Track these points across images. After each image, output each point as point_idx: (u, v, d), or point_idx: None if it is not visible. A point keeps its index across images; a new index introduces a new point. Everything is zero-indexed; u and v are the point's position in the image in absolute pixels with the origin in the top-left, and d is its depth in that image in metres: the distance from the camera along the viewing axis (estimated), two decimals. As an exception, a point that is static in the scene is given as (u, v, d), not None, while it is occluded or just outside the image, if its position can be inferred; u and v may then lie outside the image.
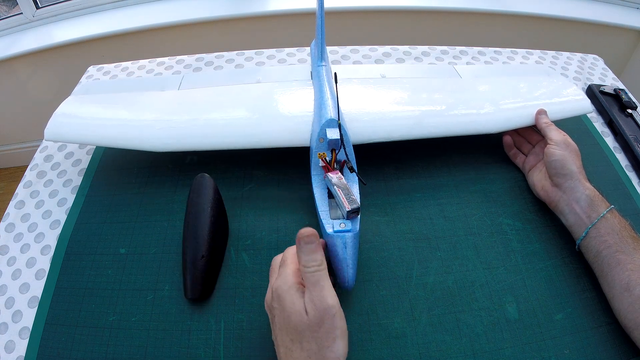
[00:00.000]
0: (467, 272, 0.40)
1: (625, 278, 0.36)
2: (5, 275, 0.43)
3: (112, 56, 1.25)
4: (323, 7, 0.50)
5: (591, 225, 0.39)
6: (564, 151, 0.43)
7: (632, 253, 0.37)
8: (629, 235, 0.38)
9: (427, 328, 0.37)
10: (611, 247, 0.38)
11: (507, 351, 0.36)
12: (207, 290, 0.39)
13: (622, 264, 0.36)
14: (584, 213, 0.40)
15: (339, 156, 0.41)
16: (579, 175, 0.42)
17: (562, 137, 0.45)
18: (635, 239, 0.38)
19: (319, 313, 0.29)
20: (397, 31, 1.30)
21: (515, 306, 0.38)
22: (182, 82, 0.54)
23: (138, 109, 0.49)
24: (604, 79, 0.65)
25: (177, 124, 0.46)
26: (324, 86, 0.48)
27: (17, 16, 1.27)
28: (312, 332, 0.29)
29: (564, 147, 0.44)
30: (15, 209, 0.49)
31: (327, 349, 0.29)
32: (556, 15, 1.23)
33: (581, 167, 0.44)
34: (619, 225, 0.39)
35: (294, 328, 0.30)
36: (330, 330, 0.29)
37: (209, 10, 1.23)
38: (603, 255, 0.38)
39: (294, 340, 0.30)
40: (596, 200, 0.41)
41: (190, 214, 0.42)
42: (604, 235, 0.38)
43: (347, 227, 0.36)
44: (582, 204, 0.41)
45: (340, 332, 0.29)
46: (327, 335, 0.29)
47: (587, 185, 0.42)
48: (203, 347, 0.36)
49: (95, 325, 0.38)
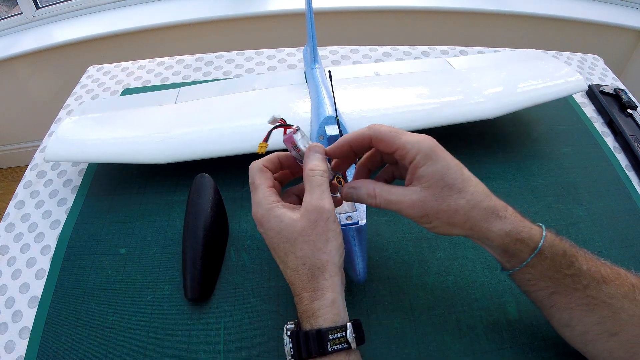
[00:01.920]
0: (467, 272, 0.40)
1: (565, 316, 0.30)
2: (5, 275, 0.43)
3: (112, 56, 1.25)
4: (312, 12, 0.51)
5: (513, 270, 0.31)
6: (430, 220, 0.30)
7: (571, 292, 0.29)
8: (565, 274, 0.29)
9: (427, 328, 0.37)
10: (544, 290, 0.30)
11: (507, 351, 0.36)
12: (207, 290, 0.39)
13: (559, 305, 0.30)
14: (499, 257, 0.31)
15: None
16: (472, 231, 0.30)
17: (411, 195, 0.30)
18: (574, 276, 0.29)
19: (313, 215, 0.29)
20: (397, 31, 1.30)
21: (515, 306, 0.38)
22: (179, 95, 0.55)
23: (136, 125, 0.50)
24: (604, 79, 0.65)
25: (176, 136, 0.47)
26: (319, 86, 0.48)
27: (17, 16, 1.27)
28: (304, 236, 0.29)
29: (424, 214, 0.30)
30: (15, 209, 0.49)
31: (319, 251, 0.29)
32: (556, 15, 1.23)
33: (470, 207, 0.29)
34: (551, 267, 0.30)
35: (287, 239, 0.29)
36: (323, 232, 0.29)
37: (209, 10, 1.23)
38: (534, 295, 0.31)
39: (288, 252, 0.30)
40: (512, 250, 0.30)
41: (190, 214, 0.42)
42: (532, 280, 0.31)
43: (354, 220, 0.36)
44: (494, 252, 0.31)
45: (333, 234, 0.29)
46: (319, 237, 0.29)
47: (493, 234, 0.29)
48: (203, 347, 0.36)
49: (95, 325, 0.38)
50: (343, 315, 0.29)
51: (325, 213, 0.29)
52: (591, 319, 0.29)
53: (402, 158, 0.30)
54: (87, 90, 0.64)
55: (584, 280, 0.29)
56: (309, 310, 0.29)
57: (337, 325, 0.28)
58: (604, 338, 0.29)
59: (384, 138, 0.31)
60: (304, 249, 0.29)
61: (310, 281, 0.29)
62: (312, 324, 0.28)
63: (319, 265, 0.29)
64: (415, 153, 0.29)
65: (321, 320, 0.28)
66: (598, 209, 0.46)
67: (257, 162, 0.33)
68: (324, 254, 0.29)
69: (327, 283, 0.29)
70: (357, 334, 0.28)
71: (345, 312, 0.29)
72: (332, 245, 0.29)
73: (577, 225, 0.45)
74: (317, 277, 0.29)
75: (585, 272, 0.30)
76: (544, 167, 0.50)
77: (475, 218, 0.29)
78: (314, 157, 0.32)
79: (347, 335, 0.28)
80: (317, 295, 0.29)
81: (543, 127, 0.56)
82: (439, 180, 0.29)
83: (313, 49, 0.53)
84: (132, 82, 0.65)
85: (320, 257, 0.29)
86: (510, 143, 0.53)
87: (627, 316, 0.28)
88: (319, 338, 0.27)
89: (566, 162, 0.51)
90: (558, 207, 0.46)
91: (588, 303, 0.29)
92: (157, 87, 0.63)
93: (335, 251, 0.29)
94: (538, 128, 0.55)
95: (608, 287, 0.29)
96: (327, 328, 0.28)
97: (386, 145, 0.31)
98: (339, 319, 0.28)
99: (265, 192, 0.31)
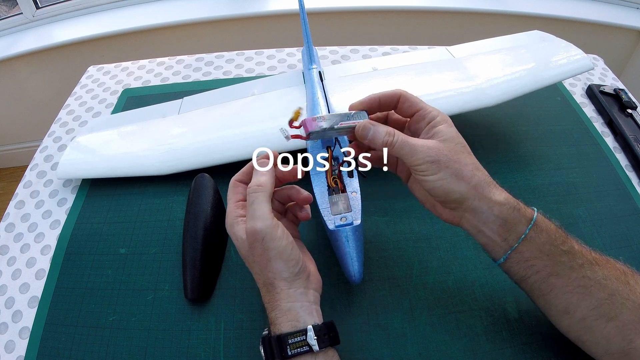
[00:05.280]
0: (467, 272, 0.40)
1: (562, 302, 0.30)
2: (5, 275, 0.43)
3: (112, 56, 1.25)
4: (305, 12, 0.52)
5: (510, 250, 0.31)
6: (440, 170, 0.31)
7: (568, 273, 0.30)
8: (562, 251, 0.30)
9: (427, 328, 0.37)
10: (541, 271, 0.30)
11: (507, 351, 0.36)
12: (207, 290, 0.39)
13: (557, 289, 0.30)
14: (496, 235, 0.31)
15: (335, 153, 0.41)
16: (475, 191, 0.31)
17: (429, 149, 0.31)
18: (569, 253, 0.30)
19: (250, 238, 0.30)
20: (397, 31, 1.30)
21: (515, 306, 0.38)
22: (182, 106, 0.56)
23: (142, 140, 0.51)
24: (604, 79, 0.65)
25: (179, 147, 0.48)
26: (315, 87, 0.49)
27: (17, 16, 1.27)
28: (251, 255, 0.31)
29: (436, 160, 0.31)
30: (15, 209, 0.49)
31: (265, 270, 0.31)
32: (556, 15, 1.23)
33: (475, 168, 0.32)
34: (547, 242, 0.30)
35: (243, 257, 0.32)
36: (262, 252, 0.30)
37: (209, 10, 1.23)
38: (531, 281, 0.31)
39: (249, 267, 0.33)
40: (511, 219, 0.30)
41: (190, 214, 0.42)
42: (530, 260, 0.30)
43: (348, 220, 0.36)
44: (492, 226, 0.31)
45: (274, 253, 0.30)
46: (261, 258, 0.31)
47: (493, 198, 0.31)
48: (203, 347, 0.36)
49: (95, 325, 0.38)
50: (305, 319, 0.30)
51: (259, 234, 0.30)
52: (588, 303, 0.29)
53: (422, 118, 0.34)
54: (87, 90, 0.64)
55: (579, 259, 0.30)
56: (270, 318, 0.31)
57: (295, 330, 0.29)
58: (602, 323, 0.29)
59: (409, 99, 0.34)
60: (254, 267, 0.32)
61: (267, 294, 0.31)
62: (274, 331, 0.30)
63: (269, 282, 0.31)
64: (437, 114, 0.33)
65: (280, 326, 0.30)
66: (598, 209, 0.46)
67: (233, 179, 0.35)
68: (270, 272, 0.31)
69: (279, 296, 0.30)
70: (322, 336, 0.29)
71: (310, 316, 0.30)
72: (275, 264, 0.30)
73: (577, 225, 0.45)
74: (271, 291, 0.31)
75: (577, 252, 0.30)
76: (544, 167, 0.50)
77: (480, 178, 0.31)
78: (255, 173, 0.33)
79: (308, 338, 0.29)
80: (273, 305, 0.30)
81: (543, 127, 0.56)
82: (454, 137, 0.32)
83: (309, 50, 0.54)
84: (132, 82, 0.65)
85: (267, 276, 0.31)
86: (510, 143, 0.53)
87: (621, 299, 0.29)
88: (279, 343, 0.29)
89: (566, 162, 0.51)
90: (558, 207, 0.46)
91: (585, 285, 0.29)
92: (157, 87, 0.63)
93: (282, 267, 0.30)
94: (538, 128, 0.55)
95: (601, 269, 0.30)
96: (286, 333, 0.29)
97: (410, 105, 0.34)
98: (299, 324, 0.29)
99: (232, 206, 0.34)
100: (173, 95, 0.60)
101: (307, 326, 0.29)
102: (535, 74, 0.50)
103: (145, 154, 0.49)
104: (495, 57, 0.54)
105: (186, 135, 0.50)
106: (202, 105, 0.55)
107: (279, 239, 0.30)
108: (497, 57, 0.54)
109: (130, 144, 0.51)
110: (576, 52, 0.53)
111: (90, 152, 0.51)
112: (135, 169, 0.48)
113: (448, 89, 0.49)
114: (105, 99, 0.62)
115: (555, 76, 0.50)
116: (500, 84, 0.49)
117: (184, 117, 0.53)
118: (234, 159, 0.47)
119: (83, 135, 0.54)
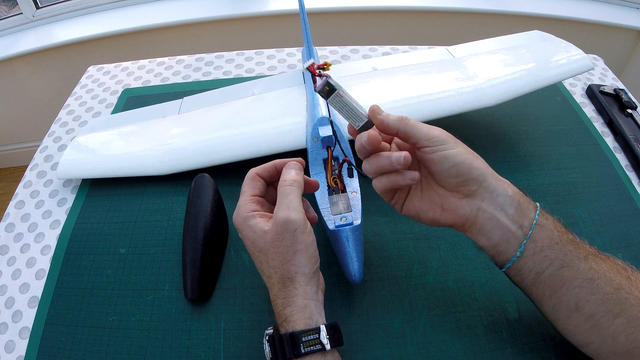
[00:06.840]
0: (467, 272, 0.40)
1: (573, 298, 0.29)
2: (5, 275, 0.43)
3: (112, 56, 1.25)
4: (305, 12, 0.52)
5: (527, 238, 0.30)
6: (459, 146, 0.32)
7: (577, 264, 0.29)
8: (567, 239, 0.30)
9: (427, 328, 0.37)
10: (554, 263, 0.30)
11: (507, 351, 0.36)
12: (207, 290, 0.39)
13: (568, 282, 0.30)
14: (512, 223, 0.31)
15: (335, 153, 0.41)
16: (490, 170, 0.32)
17: (440, 131, 0.32)
18: (573, 242, 0.30)
19: (279, 227, 0.30)
20: (397, 31, 1.30)
21: (515, 306, 0.38)
22: (182, 106, 0.56)
23: (142, 140, 0.51)
24: (604, 79, 0.65)
25: (179, 147, 0.49)
26: None
27: (17, 16, 1.27)
28: (274, 247, 0.30)
29: (452, 140, 0.32)
30: (15, 209, 0.49)
31: (288, 263, 0.30)
32: (556, 15, 1.23)
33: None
34: (554, 228, 0.30)
35: (259, 249, 0.31)
36: (290, 244, 0.30)
37: (209, 10, 1.23)
38: (545, 276, 0.30)
39: (262, 261, 0.32)
40: (522, 201, 0.31)
41: (190, 214, 0.42)
42: (543, 250, 0.30)
43: (348, 220, 0.36)
44: (509, 210, 0.31)
45: (302, 245, 0.30)
46: (287, 249, 0.30)
47: (503, 180, 0.32)
48: (203, 347, 0.36)
49: (95, 325, 0.38)
50: (317, 318, 0.30)
51: (292, 224, 0.30)
52: (596, 297, 0.29)
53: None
54: (87, 90, 0.64)
55: (583, 250, 0.30)
56: (282, 315, 0.30)
57: (310, 328, 0.29)
58: (609, 321, 0.29)
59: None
60: (275, 259, 0.31)
61: (282, 289, 0.30)
62: (286, 328, 0.30)
63: (288, 276, 0.30)
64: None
65: (294, 324, 0.29)
66: (598, 209, 0.46)
67: (252, 170, 0.35)
68: (293, 266, 0.30)
69: (297, 292, 0.30)
70: (332, 336, 0.29)
71: (320, 316, 0.30)
72: (300, 257, 0.30)
73: (577, 225, 0.45)
74: (288, 286, 0.30)
75: (579, 244, 0.31)
76: (544, 167, 0.50)
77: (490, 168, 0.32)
78: (288, 171, 0.33)
79: (321, 337, 0.29)
80: (288, 302, 0.30)
81: (543, 127, 0.56)
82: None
83: (309, 50, 0.54)
84: (132, 82, 0.65)
85: (289, 269, 0.30)
86: (510, 143, 0.53)
87: (625, 294, 0.29)
88: (292, 341, 0.29)
89: (566, 162, 0.51)
90: (558, 207, 0.46)
91: (592, 277, 0.29)
92: (157, 87, 0.63)
93: (306, 262, 0.30)
94: (538, 128, 0.55)
95: (604, 262, 0.30)
96: (300, 331, 0.29)
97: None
98: (312, 322, 0.29)
99: (247, 200, 0.33)
100: (173, 95, 0.60)
101: (320, 325, 0.29)
102: (535, 74, 0.50)
103: (145, 154, 0.49)
104: (495, 57, 0.54)
105: (186, 135, 0.50)
106: (202, 105, 0.55)
107: (308, 233, 0.31)
108: (497, 57, 0.54)
109: (130, 144, 0.51)
110: (576, 52, 0.53)
111: (90, 152, 0.51)
112: (135, 169, 0.48)
113: (448, 89, 0.49)
114: (105, 99, 0.62)
115: (555, 76, 0.50)
116: (500, 84, 0.49)
117: (184, 117, 0.54)
118: (234, 159, 0.47)
119: (83, 135, 0.54)
